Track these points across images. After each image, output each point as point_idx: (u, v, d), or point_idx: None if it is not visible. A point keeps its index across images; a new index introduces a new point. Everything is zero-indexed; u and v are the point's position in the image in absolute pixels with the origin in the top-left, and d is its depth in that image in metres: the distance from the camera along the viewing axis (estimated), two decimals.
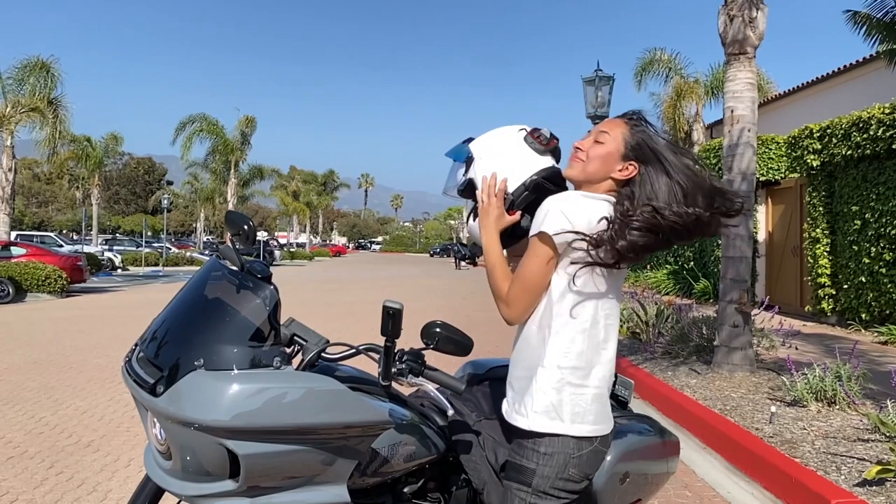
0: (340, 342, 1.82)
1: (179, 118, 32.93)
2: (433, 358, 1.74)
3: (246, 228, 1.66)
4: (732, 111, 6.17)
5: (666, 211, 1.61)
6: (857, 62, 13.34)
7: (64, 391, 5.92)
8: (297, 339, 1.76)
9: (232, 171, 34.82)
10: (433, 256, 64.94)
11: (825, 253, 10.24)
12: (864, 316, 9.30)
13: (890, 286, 8.68)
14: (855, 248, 9.42)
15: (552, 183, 1.80)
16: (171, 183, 72.40)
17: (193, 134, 32.42)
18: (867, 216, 9.13)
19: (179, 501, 1.57)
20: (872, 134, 8.83)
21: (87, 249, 24.57)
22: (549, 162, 1.81)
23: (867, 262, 9.09)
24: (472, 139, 1.89)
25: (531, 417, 1.65)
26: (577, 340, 1.65)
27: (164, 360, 1.54)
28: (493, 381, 2.10)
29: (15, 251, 16.55)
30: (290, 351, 1.70)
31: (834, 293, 10.15)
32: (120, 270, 27.20)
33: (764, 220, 12.85)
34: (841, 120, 9.67)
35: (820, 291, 10.32)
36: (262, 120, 36.39)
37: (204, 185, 46.11)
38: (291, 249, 51.82)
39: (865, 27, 9.57)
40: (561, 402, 1.64)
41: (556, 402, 1.64)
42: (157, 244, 36.95)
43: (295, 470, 1.50)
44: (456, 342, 1.71)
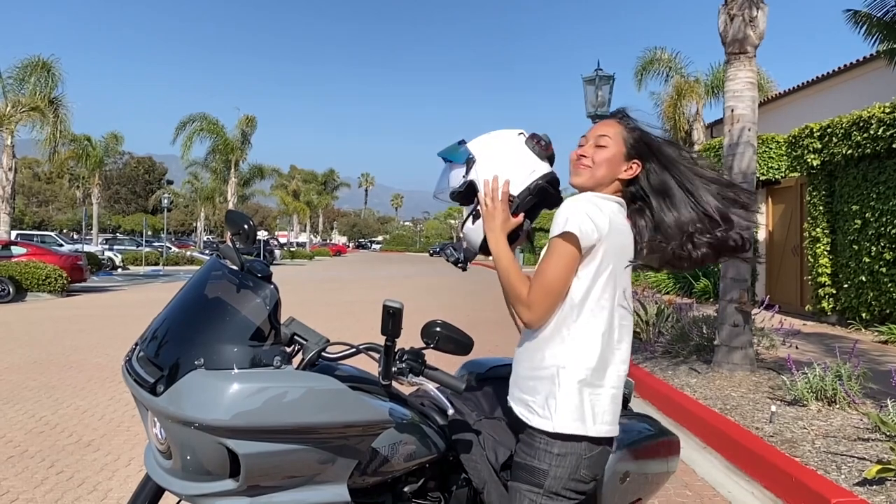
0: (341, 341, 1.82)
1: (179, 118, 32.93)
2: (433, 357, 1.73)
3: (246, 228, 1.66)
4: (733, 110, 6.17)
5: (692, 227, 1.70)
6: (857, 61, 13.32)
7: (64, 390, 5.93)
8: (297, 338, 1.76)
9: (232, 170, 34.81)
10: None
11: (825, 252, 10.24)
12: (864, 315, 9.29)
13: (890, 285, 8.68)
14: (855, 247, 9.42)
15: (553, 188, 1.82)
16: (171, 182, 72.35)
17: (194, 133, 32.41)
18: (867, 215, 9.13)
19: (179, 501, 1.57)
20: (873, 133, 8.83)
21: (87, 249, 24.56)
22: (549, 167, 1.83)
23: (867, 261, 9.09)
24: (464, 141, 1.88)
25: (555, 420, 1.63)
26: (596, 341, 1.66)
27: (164, 359, 1.54)
28: (493, 380, 2.10)
29: (15, 250, 16.55)
30: (290, 350, 1.69)
31: (834, 292, 10.15)
32: (120, 270, 27.20)
33: (764, 219, 12.85)
34: (841, 119, 9.66)
35: (820, 291, 10.31)
36: (262, 119, 36.41)
37: (204, 184, 46.12)
38: (291, 249, 51.80)
39: (866, 26, 9.55)
40: (583, 403, 1.63)
41: (578, 403, 1.63)
42: (157, 243, 36.93)
43: (295, 469, 1.50)
44: (456, 341, 1.71)
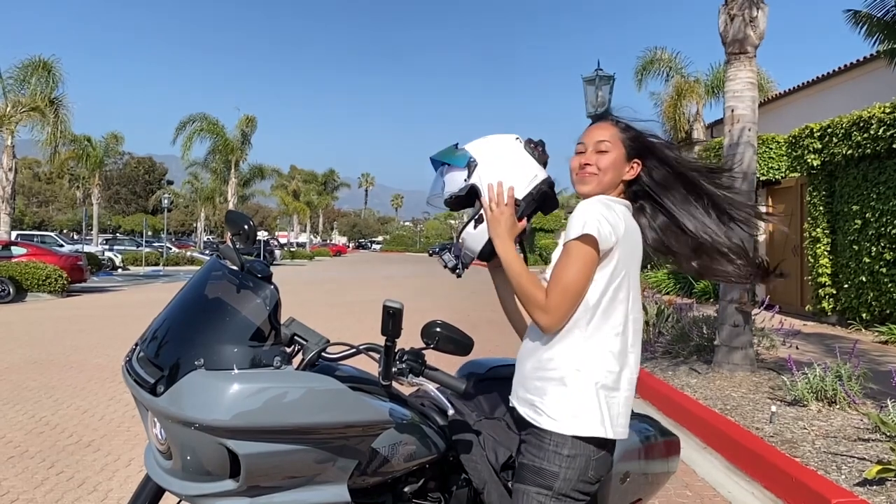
0: (341, 342, 1.82)
1: (179, 118, 32.90)
2: (433, 357, 1.73)
3: (246, 228, 1.65)
4: (733, 110, 6.17)
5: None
6: (857, 62, 13.32)
7: (64, 391, 5.93)
8: (297, 338, 1.76)
9: (232, 170, 34.80)
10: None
11: (825, 252, 10.24)
12: (864, 315, 9.29)
13: (890, 285, 8.68)
14: (855, 247, 9.42)
15: (552, 193, 1.84)
16: (171, 182, 72.37)
17: (194, 133, 32.38)
18: (868, 215, 9.13)
19: (180, 501, 1.57)
20: (873, 133, 8.83)
21: (87, 249, 24.55)
22: (546, 172, 1.84)
23: (868, 261, 9.09)
24: (458, 145, 1.87)
25: (570, 421, 1.62)
26: (612, 344, 1.66)
27: (164, 359, 1.54)
28: (493, 380, 2.10)
29: (15, 251, 16.55)
30: (290, 350, 1.69)
31: (834, 293, 10.15)
32: (120, 270, 27.19)
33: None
34: (841, 119, 9.66)
35: (820, 291, 10.31)
36: (262, 120, 36.39)
37: (204, 184, 46.11)
38: (292, 249, 51.76)
39: (866, 26, 9.55)
40: (600, 405, 1.63)
41: (596, 406, 1.63)
42: (157, 244, 36.92)
43: (295, 469, 1.50)
44: (456, 342, 1.71)
